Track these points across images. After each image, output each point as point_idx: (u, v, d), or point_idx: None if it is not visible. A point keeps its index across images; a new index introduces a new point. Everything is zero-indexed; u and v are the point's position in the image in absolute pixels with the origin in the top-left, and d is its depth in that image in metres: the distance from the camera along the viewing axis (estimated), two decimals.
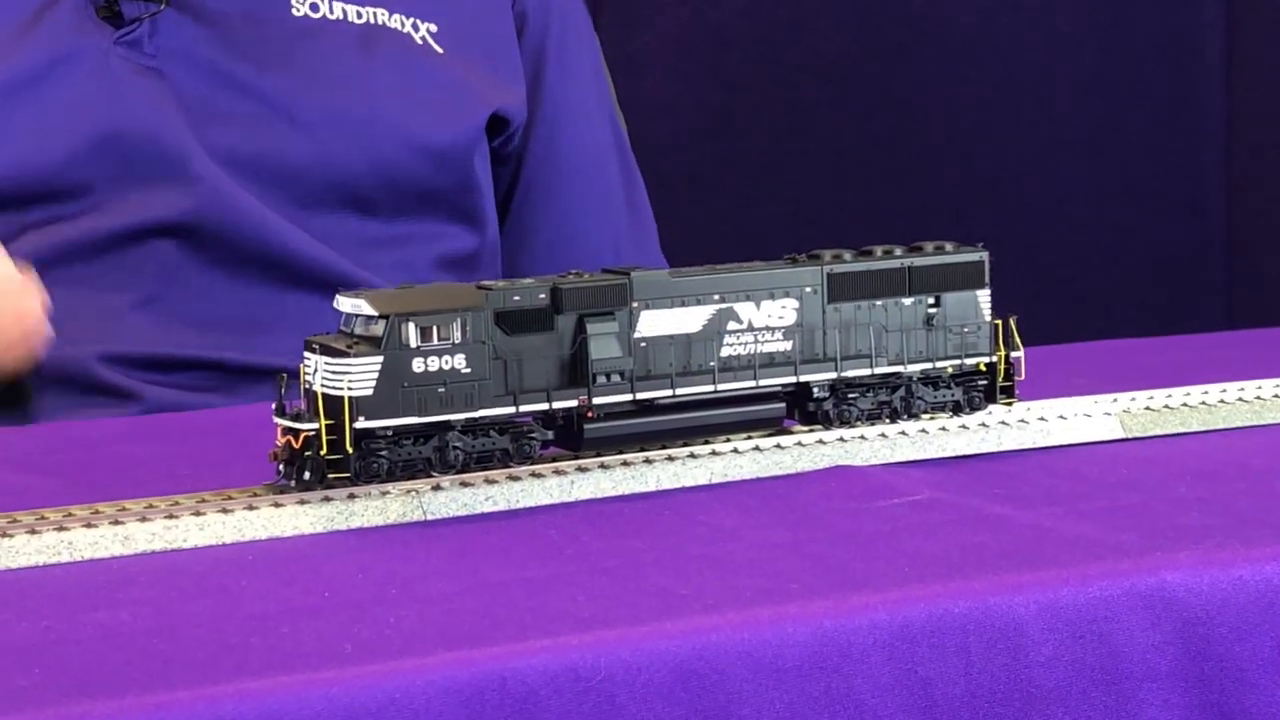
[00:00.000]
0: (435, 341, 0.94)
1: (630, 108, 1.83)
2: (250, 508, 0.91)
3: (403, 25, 1.59)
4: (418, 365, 0.94)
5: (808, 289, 1.04)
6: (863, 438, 1.05)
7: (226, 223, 1.50)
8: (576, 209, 1.70)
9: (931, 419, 1.07)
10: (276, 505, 0.91)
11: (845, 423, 1.05)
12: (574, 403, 0.98)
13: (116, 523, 0.89)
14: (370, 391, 0.93)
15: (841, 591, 0.79)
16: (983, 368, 1.09)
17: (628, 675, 0.72)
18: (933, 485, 0.98)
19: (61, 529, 0.88)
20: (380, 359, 0.93)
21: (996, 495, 0.96)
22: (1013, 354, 1.09)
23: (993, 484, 0.99)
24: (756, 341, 1.03)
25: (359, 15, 1.58)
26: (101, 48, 1.50)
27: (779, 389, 1.04)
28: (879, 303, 1.06)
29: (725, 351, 1.02)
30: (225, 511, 0.91)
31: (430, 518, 0.93)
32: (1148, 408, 1.12)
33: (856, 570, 0.83)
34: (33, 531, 0.87)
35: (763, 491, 0.98)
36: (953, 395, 1.08)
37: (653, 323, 1.00)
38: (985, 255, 1.09)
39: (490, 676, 0.71)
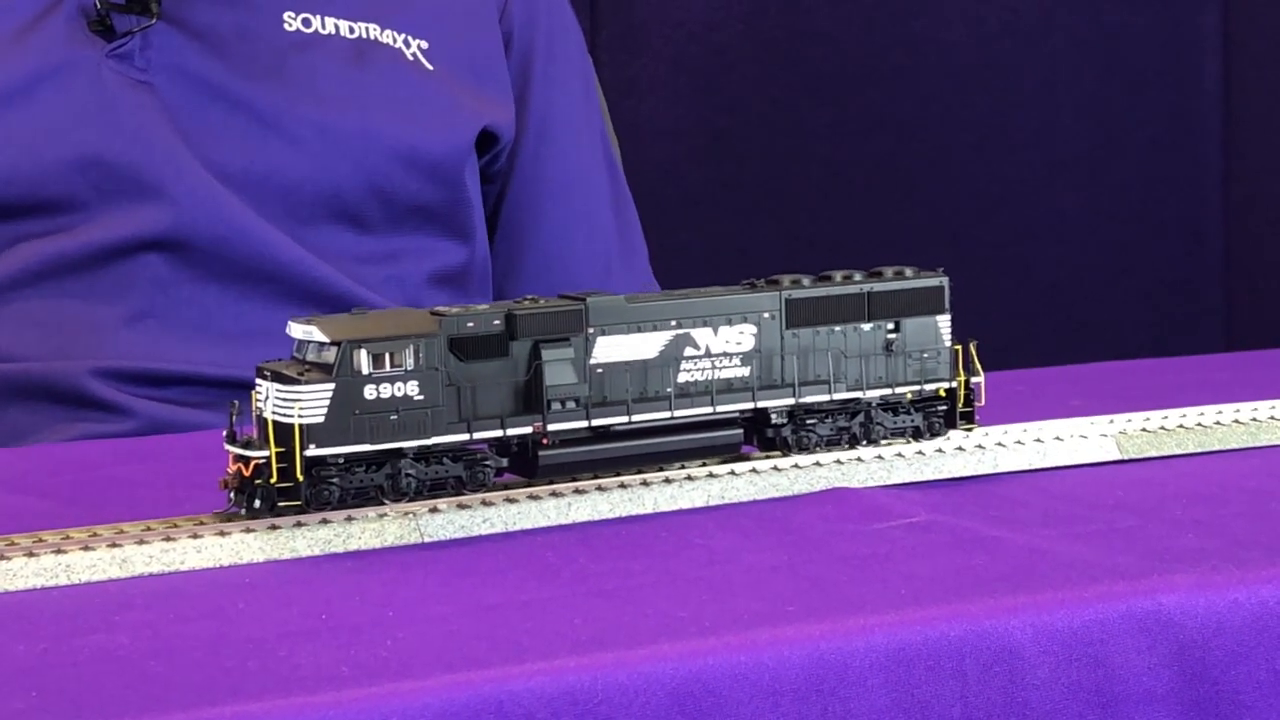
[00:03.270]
0: (388, 368, 0.93)
1: (628, 130, 1.84)
2: (247, 530, 0.91)
3: (394, 41, 1.59)
4: (370, 392, 0.93)
5: (766, 314, 1.04)
6: (860, 460, 1.05)
7: (217, 237, 1.50)
8: (563, 229, 1.70)
9: (906, 443, 1.07)
10: (273, 528, 0.92)
11: (804, 449, 1.04)
12: (528, 429, 0.97)
13: (114, 545, 0.89)
14: (321, 419, 0.92)
15: (838, 614, 0.79)
16: (943, 393, 1.09)
17: (625, 698, 0.72)
18: (929, 507, 0.98)
19: (59, 552, 0.88)
20: (331, 386, 0.92)
21: (993, 517, 0.96)
22: (973, 379, 1.09)
23: (989, 506, 0.99)
24: (714, 367, 1.02)
25: (351, 30, 1.58)
26: (93, 61, 1.50)
27: (737, 415, 1.03)
28: (838, 328, 1.06)
29: (682, 377, 1.02)
30: (222, 534, 0.91)
31: (427, 540, 0.93)
32: (1144, 429, 1.12)
33: (853, 593, 0.83)
34: (30, 554, 0.87)
35: (760, 514, 0.98)
36: (912, 421, 1.08)
37: (609, 349, 1.00)
38: (945, 280, 1.09)
39: (488, 699, 0.71)
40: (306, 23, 1.57)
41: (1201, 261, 2.53)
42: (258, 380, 0.94)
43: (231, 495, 0.93)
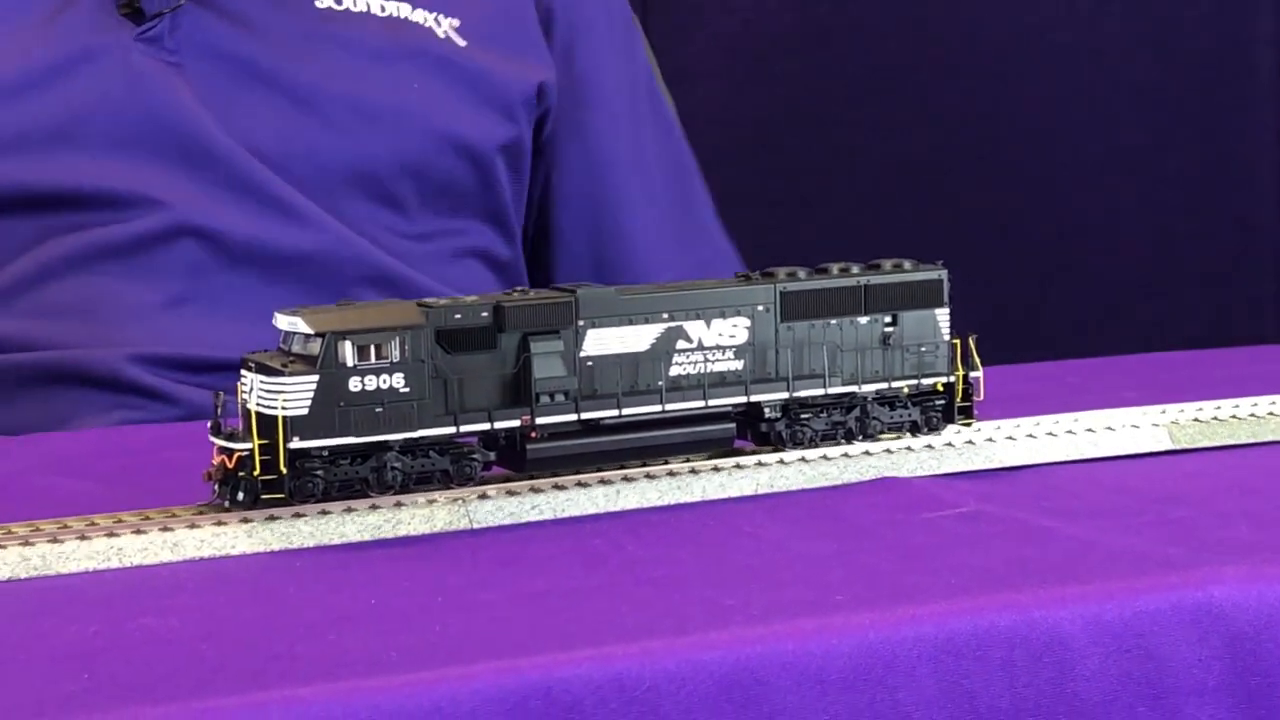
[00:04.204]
0: (373, 360, 0.92)
1: (679, 119, 1.83)
2: (298, 515, 0.91)
3: (425, 20, 1.59)
4: (354, 384, 0.92)
5: (760, 307, 1.02)
6: (909, 449, 1.05)
7: (256, 219, 1.49)
8: (615, 200, 1.70)
9: (901, 436, 1.06)
10: (324, 513, 0.92)
11: (798, 443, 1.03)
12: (516, 423, 0.96)
13: (165, 529, 0.89)
14: (305, 411, 0.91)
15: (887, 603, 0.79)
16: (940, 388, 1.07)
17: (672, 685, 0.72)
18: (979, 497, 0.97)
19: (111, 535, 0.88)
20: (315, 378, 0.91)
21: (1043, 508, 0.96)
22: (971, 374, 1.07)
23: (1040, 496, 0.99)
24: (706, 360, 1.01)
25: (382, 9, 1.58)
26: (122, 45, 1.50)
27: (729, 409, 1.02)
28: (834, 321, 1.04)
29: (674, 371, 1.01)
30: (272, 519, 0.91)
31: (476, 526, 0.94)
32: (1196, 419, 1.12)
33: (902, 582, 0.82)
34: (83, 537, 0.88)
35: (809, 503, 0.98)
36: (909, 415, 1.06)
37: (599, 341, 0.99)
38: (944, 274, 1.08)
39: (535, 685, 0.71)
40: (338, 1, 1.57)
41: (1254, 252, 2.51)
42: (242, 371, 0.93)
43: (215, 487, 0.93)
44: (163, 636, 0.77)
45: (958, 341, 1.07)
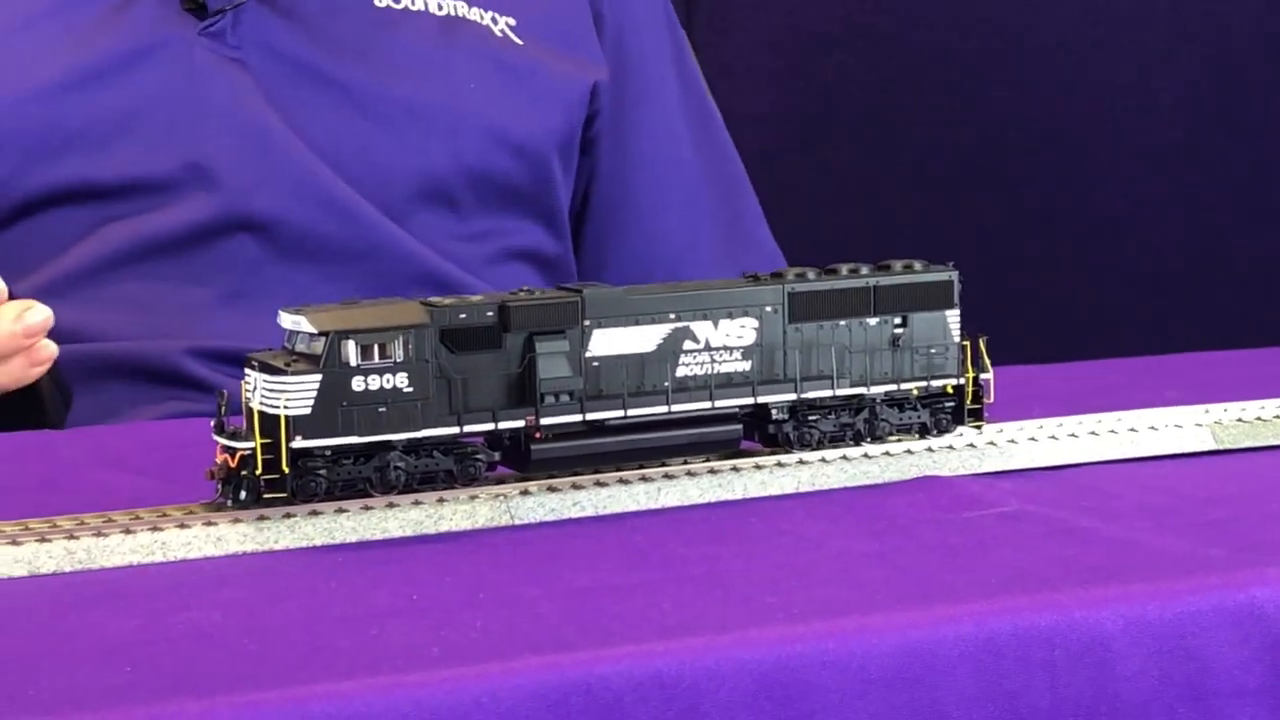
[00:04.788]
0: (376, 360, 0.92)
1: (722, 116, 1.83)
2: (340, 511, 0.92)
3: (481, 18, 1.59)
4: (358, 384, 0.92)
5: (768, 308, 1.02)
6: (951, 448, 1.05)
7: (311, 216, 1.50)
8: (657, 202, 1.70)
9: (914, 439, 1.05)
10: (366, 509, 0.92)
11: (805, 445, 1.02)
12: (521, 423, 0.96)
13: (209, 524, 0.90)
14: (308, 410, 0.91)
15: (928, 603, 0.79)
16: (950, 390, 1.07)
17: (713, 683, 0.73)
18: (1021, 497, 0.97)
19: (155, 529, 0.89)
20: (318, 377, 0.91)
21: (1085, 508, 0.96)
22: (982, 376, 1.06)
23: (1081, 496, 0.99)
24: (713, 361, 1.01)
25: (439, 7, 1.58)
26: (184, 40, 1.51)
27: (736, 410, 1.01)
28: (842, 323, 1.03)
29: (681, 371, 1.00)
30: (315, 514, 0.91)
31: (518, 522, 0.94)
32: (1240, 419, 1.11)
33: (943, 581, 0.82)
34: (127, 531, 0.89)
35: (850, 501, 0.98)
36: (919, 417, 1.06)
37: (605, 342, 0.98)
38: (954, 275, 1.07)
39: (576, 682, 0.71)
40: (396, 0, 1.57)
41: None
42: (246, 370, 0.93)
43: (219, 486, 0.93)
44: (206, 631, 0.77)
45: (968, 343, 1.06)
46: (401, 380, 0.93)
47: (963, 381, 1.06)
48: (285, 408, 0.91)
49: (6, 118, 1.48)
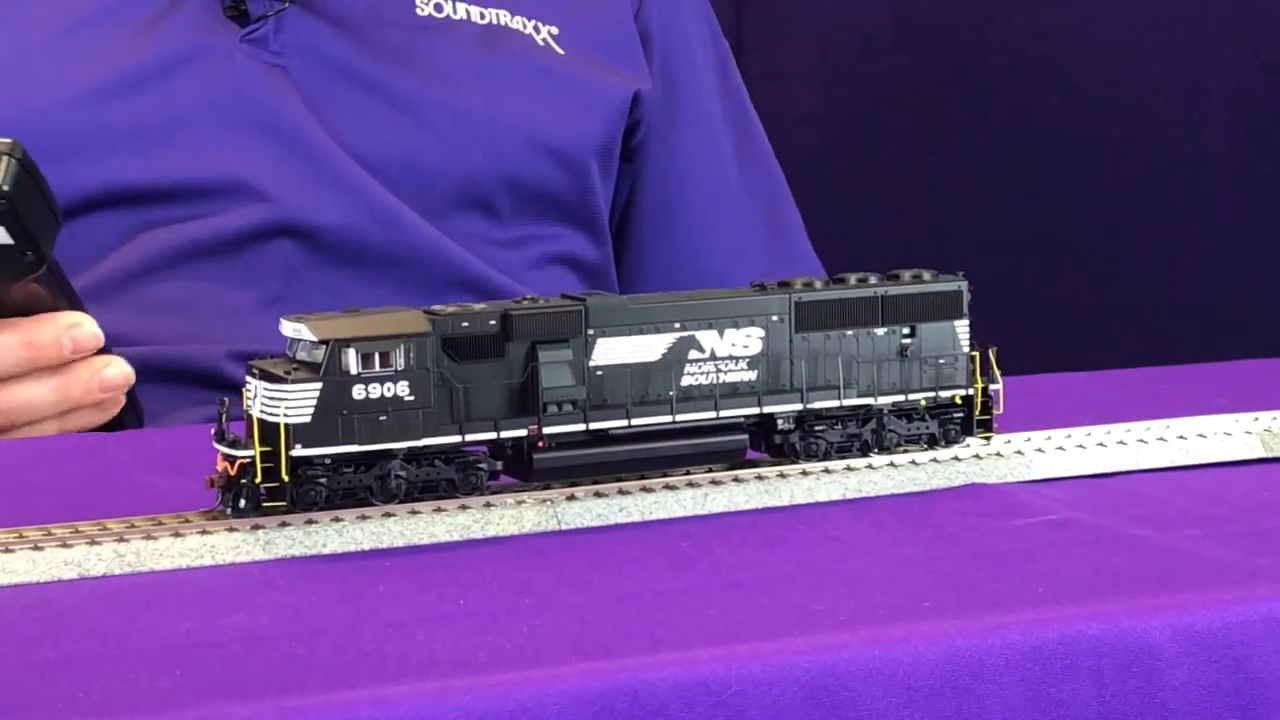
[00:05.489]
0: (377, 368, 0.92)
1: (770, 118, 1.83)
2: (387, 515, 0.92)
3: (524, 27, 1.60)
4: (358, 392, 0.91)
5: (774, 317, 1.01)
6: (999, 454, 1.05)
7: (352, 222, 1.51)
8: (700, 212, 1.70)
9: (919, 449, 1.04)
10: (414, 513, 0.93)
11: (811, 456, 1.01)
12: (523, 432, 0.95)
13: (258, 527, 0.90)
14: (308, 419, 0.91)
15: (975, 611, 0.79)
16: (959, 400, 1.06)
17: (758, 690, 0.73)
18: (1069, 505, 0.97)
19: (205, 533, 0.89)
20: (318, 385, 0.91)
21: (1133, 516, 0.95)
22: (991, 386, 1.06)
23: (1129, 504, 0.98)
24: (719, 371, 1.00)
25: (481, 16, 1.59)
26: (226, 47, 1.52)
27: (741, 420, 1.01)
28: (850, 332, 1.03)
29: (686, 381, 0.99)
30: (363, 518, 0.92)
31: (564, 528, 0.94)
32: None
33: (990, 590, 0.82)
34: (176, 534, 0.89)
35: (897, 508, 0.98)
36: (927, 428, 1.05)
37: (609, 350, 0.97)
38: (964, 285, 1.06)
39: (621, 688, 0.71)
40: (438, 8, 1.58)
41: None
42: (247, 378, 0.93)
43: (219, 494, 0.92)
44: (254, 634, 0.78)
45: (977, 354, 1.06)
46: (403, 389, 0.92)
47: (971, 392, 1.05)
48: (285, 415, 0.90)
49: (48, 123, 1.49)
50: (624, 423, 0.98)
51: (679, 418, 0.99)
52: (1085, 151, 2.46)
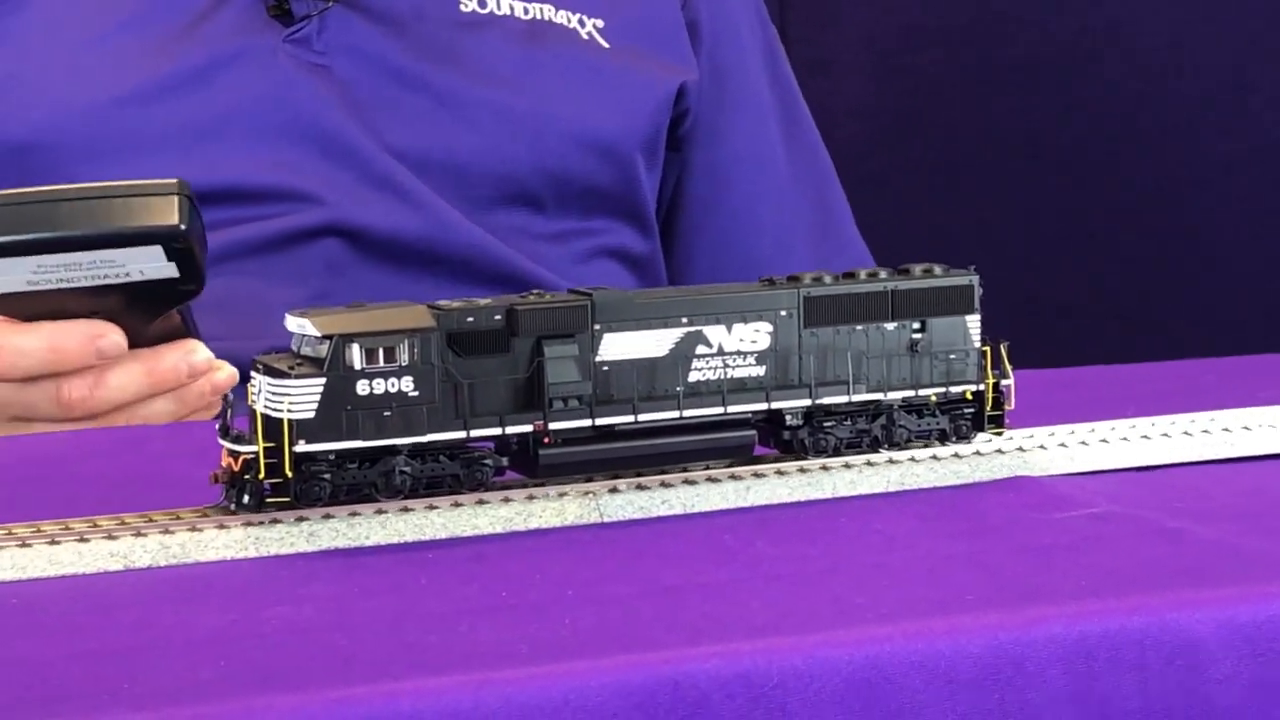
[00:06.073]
0: (381, 363, 0.91)
1: (817, 110, 1.83)
2: (430, 507, 0.92)
3: (569, 21, 1.60)
4: (362, 388, 0.91)
5: (783, 312, 1.00)
6: (1042, 447, 1.04)
7: (395, 220, 1.51)
8: (747, 201, 1.69)
9: (925, 446, 1.04)
10: (456, 505, 0.93)
11: (821, 452, 1.01)
12: (529, 428, 0.95)
13: (302, 519, 0.91)
14: (311, 414, 0.90)
15: (1017, 604, 0.79)
16: (970, 396, 1.05)
17: (800, 682, 0.73)
18: (1112, 498, 0.97)
19: (249, 525, 0.90)
20: (322, 381, 0.90)
21: (1177, 509, 0.95)
22: (1003, 382, 1.05)
23: (1173, 497, 0.98)
24: (726, 366, 0.99)
25: (525, 11, 1.59)
26: (269, 47, 1.52)
27: (749, 416, 1.00)
28: (859, 327, 1.02)
29: (693, 376, 0.98)
30: (406, 510, 0.92)
31: (607, 520, 0.94)
32: None
33: (1033, 582, 0.82)
34: (221, 526, 0.90)
35: (940, 500, 0.98)
36: (938, 424, 1.04)
37: (615, 346, 0.97)
38: (975, 279, 1.05)
39: (663, 680, 0.71)
40: (482, 4, 1.58)
41: None
42: (252, 373, 0.93)
43: (223, 490, 0.92)
44: (298, 625, 0.78)
45: (988, 349, 1.05)
46: (407, 384, 0.92)
47: (983, 388, 1.05)
48: (289, 411, 0.90)
49: (92, 124, 1.50)
50: (630, 418, 0.97)
51: (686, 413, 0.98)
52: (1128, 146, 2.45)
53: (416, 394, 0.92)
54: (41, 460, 1.16)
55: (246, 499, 0.91)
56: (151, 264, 1.18)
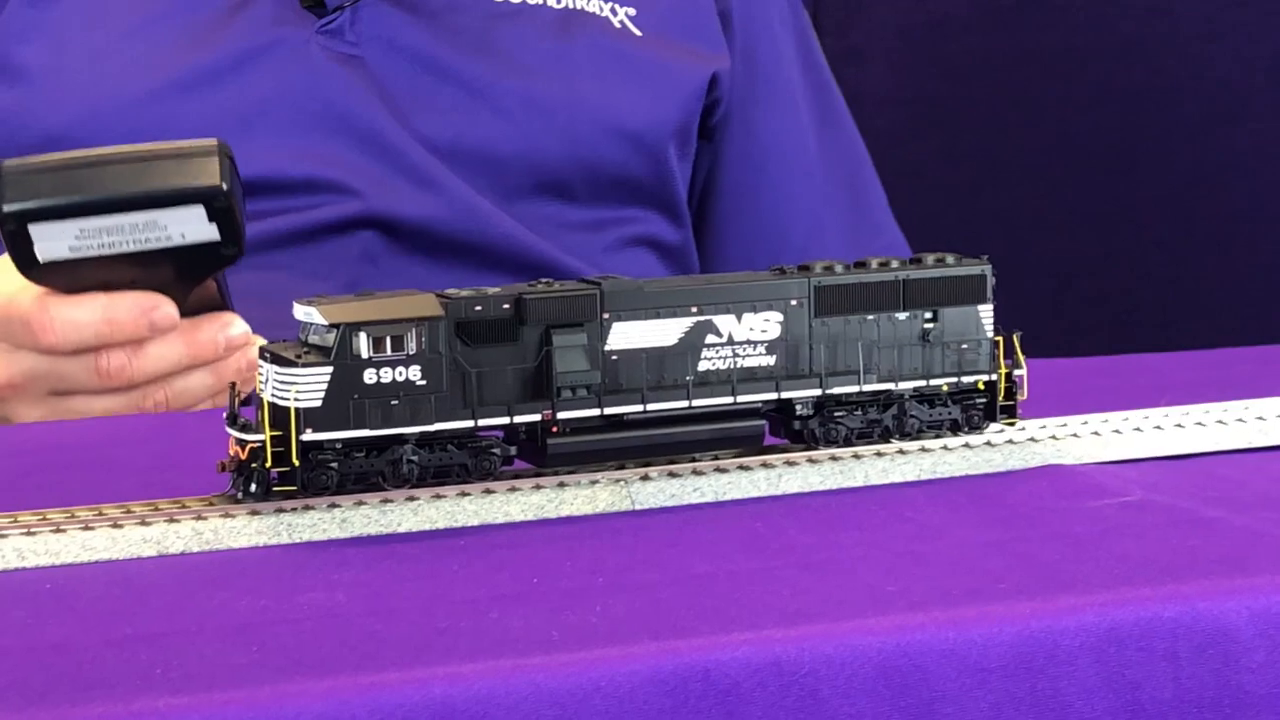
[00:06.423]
0: (388, 352, 0.91)
1: (849, 99, 1.83)
2: (462, 494, 0.93)
3: (600, 10, 1.60)
4: (369, 376, 0.91)
5: (793, 301, 1.00)
6: (1076, 436, 1.04)
7: (428, 211, 1.51)
8: (780, 187, 1.69)
9: (935, 437, 1.03)
10: (488, 492, 0.93)
11: (831, 442, 1.00)
12: (537, 417, 0.95)
13: (334, 506, 0.91)
14: (319, 403, 0.90)
15: (1049, 592, 0.78)
16: (982, 386, 1.04)
17: (831, 670, 0.73)
18: (1146, 486, 0.96)
19: (280, 511, 0.90)
20: (329, 369, 0.90)
21: (1211, 498, 0.95)
22: (1015, 372, 1.04)
23: (1207, 486, 0.97)
24: (736, 356, 0.99)
25: (558, 1, 1.59)
26: (302, 38, 1.52)
27: (759, 405, 1.00)
28: (870, 317, 1.02)
29: (702, 366, 0.98)
30: (438, 498, 0.92)
31: (638, 508, 0.94)
32: None
33: (1065, 571, 0.82)
34: (254, 513, 0.90)
35: (972, 489, 0.98)
36: (949, 413, 1.03)
37: (624, 335, 0.97)
38: (987, 269, 1.04)
39: (694, 667, 0.71)
40: None
41: None
42: (259, 361, 0.93)
43: (231, 478, 0.92)
44: (330, 611, 0.78)
45: (1000, 339, 1.04)
46: (414, 373, 0.92)
47: (995, 377, 1.04)
48: (296, 400, 0.90)
49: (125, 116, 1.50)
50: (639, 408, 0.97)
51: (695, 403, 0.98)
52: (1169, 133, 2.44)
53: (424, 383, 0.92)
54: (76, 447, 1.16)
55: (254, 487, 0.91)
56: (193, 226, 1.19)
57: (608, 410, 0.96)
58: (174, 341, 1.25)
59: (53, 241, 1.18)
